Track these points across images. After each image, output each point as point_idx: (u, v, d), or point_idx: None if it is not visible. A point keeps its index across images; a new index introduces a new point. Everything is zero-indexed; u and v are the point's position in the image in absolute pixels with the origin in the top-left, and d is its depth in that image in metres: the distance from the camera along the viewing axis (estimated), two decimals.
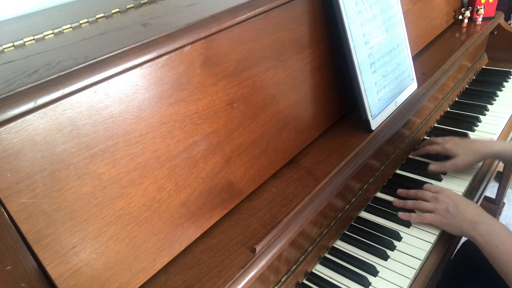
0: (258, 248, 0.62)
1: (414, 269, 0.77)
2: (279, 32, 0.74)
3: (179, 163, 0.60)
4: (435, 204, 0.84)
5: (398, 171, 1.03)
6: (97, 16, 0.73)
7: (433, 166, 0.98)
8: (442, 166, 0.98)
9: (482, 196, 1.02)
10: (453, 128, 1.17)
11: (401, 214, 0.88)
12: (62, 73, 0.47)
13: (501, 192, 1.72)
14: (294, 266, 0.76)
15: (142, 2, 0.83)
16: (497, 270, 0.73)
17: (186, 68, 0.60)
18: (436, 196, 0.86)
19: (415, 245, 0.82)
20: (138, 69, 0.54)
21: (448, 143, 0.99)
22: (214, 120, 0.65)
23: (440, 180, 0.98)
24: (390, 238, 0.84)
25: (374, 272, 0.78)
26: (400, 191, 0.94)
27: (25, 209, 0.45)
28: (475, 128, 1.17)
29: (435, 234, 0.84)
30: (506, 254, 0.71)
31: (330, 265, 0.81)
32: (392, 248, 0.82)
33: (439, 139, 1.02)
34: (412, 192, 0.91)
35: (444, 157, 1.00)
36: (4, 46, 0.61)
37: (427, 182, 0.97)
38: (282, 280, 0.74)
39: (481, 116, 1.21)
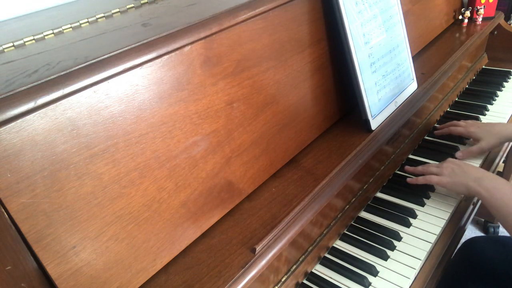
0: (258, 248, 0.62)
1: (414, 269, 0.77)
2: (279, 32, 0.74)
3: (179, 163, 0.60)
4: (441, 168, 0.90)
5: (398, 171, 1.03)
6: (97, 16, 0.73)
7: (460, 154, 1.02)
8: (469, 152, 1.02)
9: None
10: None
11: (409, 180, 0.95)
12: (62, 73, 0.47)
13: None
14: (294, 266, 0.76)
15: (142, 2, 0.83)
16: (500, 222, 0.78)
17: (186, 68, 0.60)
18: (441, 163, 0.92)
19: (415, 245, 0.82)
20: (138, 69, 0.54)
21: (472, 127, 1.03)
22: (214, 120, 0.65)
23: None
24: (390, 238, 0.84)
25: (374, 272, 0.78)
26: (407, 167, 0.99)
27: (25, 209, 0.45)
28: None
29: (435, 234, 0.84)
30: (510, 206, 0.75)
31: (330, 265, 0.81)
32: (392, 248, 0.82)
33: (462, 122, 1.06)
34: (420, 167, 0.96)
35: (439, 155, 1.00)
36: (4, 46, 0.61)
37: None
38: (282, 280, 0.74)
39: (481, 116, 1.21)
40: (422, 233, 0.85)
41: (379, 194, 0.97)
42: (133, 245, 0.56)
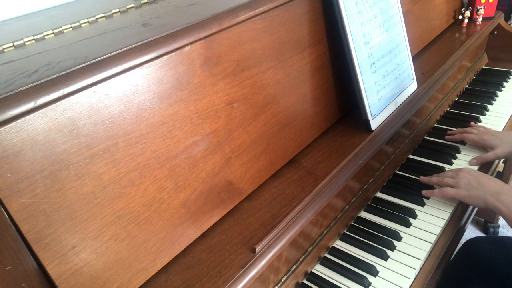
0: (258, 248, 0.62)
1: (414, 269, 0.77)
2: (279, 32, 0.74)
3: (179, 163, 0.61)
4: (457, 180, 0.88)
5: (398, 171, 1.03)
6: (97, 16, 0.73)
7: (474, 161, 1.01)
8: (483, 158, 1.01)
9: None
10: (453, 128, 1.17)
11: (424, 192, 0.92)
12: (62, 73, 0.47)
13: None
14: (294, 266, 0.76)
15: (142, 2, 0.83)
16: None
17: (186, 68, 0.60)
18: (456, 173, 0.90)
19: (415, 245, 0.82)
20: (138, 69, 0.54)
21: (486, 135, 1.03)
22: (214, 120, 0.65)
23: None
24: (390, 238, 0.84)
25: (374, 272, 0.78)
26: (422, 178, 0.97)
27: (25, 209, 0.45)
28: None
29: (435, 234, 0.84)
30: None
31: (330, 265, 0.81)
32: (392, 248, 0.82)
33: (474, 130, 1.07)
34: (434, 178, 0.94)
35: (438, 156, 1.00)
36: (4, 46, 0.61)
37: None
38: (282, 280, 0.74)
39: (481, 116, 1.21)
40: (422, 233, 0.85)
41: (379, 194, 0.97)
42: (133, 245, 0.56)
